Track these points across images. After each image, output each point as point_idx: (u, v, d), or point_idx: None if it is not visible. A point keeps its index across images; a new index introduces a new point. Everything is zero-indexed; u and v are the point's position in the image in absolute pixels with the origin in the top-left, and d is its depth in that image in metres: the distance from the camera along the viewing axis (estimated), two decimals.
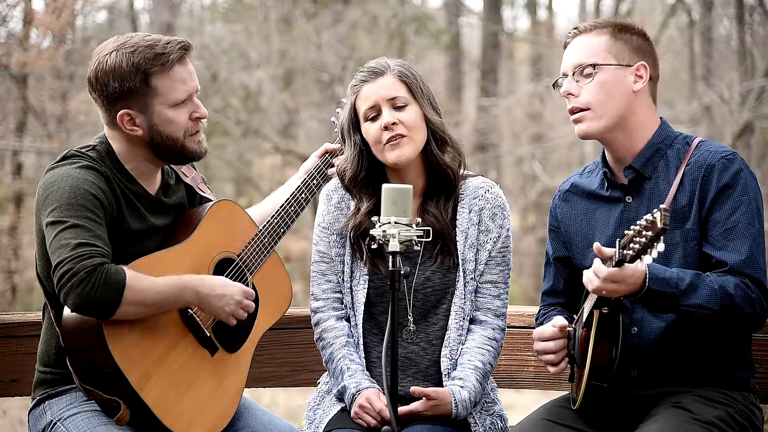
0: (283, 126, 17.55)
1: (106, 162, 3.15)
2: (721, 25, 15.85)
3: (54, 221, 2.95)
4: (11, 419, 10.05)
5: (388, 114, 3.38)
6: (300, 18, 17.51)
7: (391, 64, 3.44)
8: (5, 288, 13.85)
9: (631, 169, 3.21)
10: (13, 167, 15.03)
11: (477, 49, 21.11)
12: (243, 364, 3.31)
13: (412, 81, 3.42)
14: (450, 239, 3.42)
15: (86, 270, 2.86)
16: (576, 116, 3.23)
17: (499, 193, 3.51)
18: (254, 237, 3.36)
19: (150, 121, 3.14)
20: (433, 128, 3.42)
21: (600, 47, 3.20)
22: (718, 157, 3.12)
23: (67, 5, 13.95)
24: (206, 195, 3.43)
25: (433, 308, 3.44)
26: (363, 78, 3.43)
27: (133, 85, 3.09)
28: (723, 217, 3.08)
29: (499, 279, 3.48)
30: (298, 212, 3.50)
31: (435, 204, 3.43)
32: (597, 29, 3.24)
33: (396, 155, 3.38)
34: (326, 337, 3.47)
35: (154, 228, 3.21)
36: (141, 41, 3.12)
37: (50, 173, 3.08)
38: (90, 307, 2.89)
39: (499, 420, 3.44)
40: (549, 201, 16.07)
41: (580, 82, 3.21)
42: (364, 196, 3.47)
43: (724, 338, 3.13)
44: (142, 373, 3.00)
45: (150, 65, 3.09)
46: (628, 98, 3.19)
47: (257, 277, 3.35)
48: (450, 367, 3.40)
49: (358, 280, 3.45)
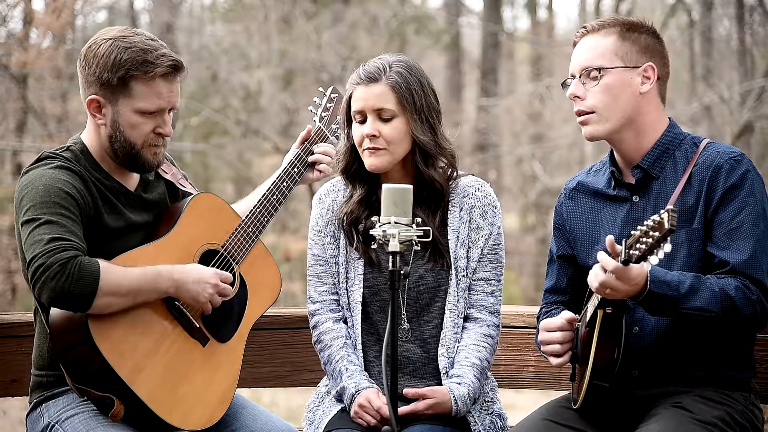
0: (283, 126, 17.54)
1: (81, 161, 3.17)
2: (721, 25, 15.85)
3: (28, 219, 2.98)
4: (11, 419, 10.05)
5: (370, 125, 3.38)
6: (300, 18, 17.50)
7: (389, 70, 3.38)
8: (5, 288, 13.85)
9: (638, 169, 3.21)
10: (13, 167, 15.03)
11: (477, 49, 21.11)
12: (236, 354, 3.31)
13: (404, 93, 3.36)
14: (440, 243, 3.43)
15: (60, 263, 2.87)
16: (581, 119, 3.23)
17: (489, 192, 3.52)
18: (237, 227, 3.36)
19: (115, 117, 3.17)
20: (419, 144, 3.40)
21: (607, 49, 3.19)
22: (726, 158, 3.12)
23: (67, 5, 13.94)
24: (188, 189, 3.44)
25: (427, 306, 3.45)
26: (358, 80, 3.42)
27: (111, 79, 3.12)
28: (728, 217, 3.08)
29: (491, 276, 3.49)
30: (281, 200, 3.50)
31: (422, 209, 3.43)
32: (605, 29, 3.22)
33: (371, 163, 3.40)
34: (324, 339, 3.48)
35: (135, 225, 3.22)
36: (140, 42, 3.15)
37: (25, 176, 3.12)
38: (65, 300, 2.90)
39: (498, 419, 3.45)
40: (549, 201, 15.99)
41: (587, 84, 3.20)
42: (357, 184, 3.49)
43: (726, 339, 3.13)
44: (133, 367, 3.01)
45: (134, 68, 3.12)
46: (635, 100, 3.19)
47: (244, 267, 3.35)
48: (448, 366, 3.41)
49: (353, 281, 3.47)
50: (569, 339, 3.19)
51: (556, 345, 3.19)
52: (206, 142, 18.22)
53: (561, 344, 3.19)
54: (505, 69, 21.23)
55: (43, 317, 3.09)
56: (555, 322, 3.20)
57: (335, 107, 3.78)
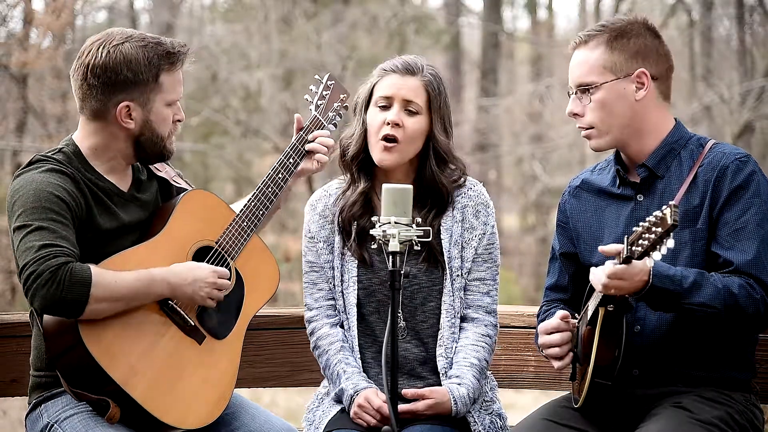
0: (283, 126, 17.52)
1: (73, 163, 3.14)
2: (721, 25, 15.84)
3: (20, 226, 2.96)
4: (11, 419, 10.04)
5: (395, 113, 3.40)
6: (300, 18, 17.50)
7: (425, 70, 3.46)
8: (5, 288, 13.84)
9: (644, 168, 3.21)
10: (13, 167, 15.01)
11: (477, 49, 21.12)
12: (235, 350, 3.28)
13: (434, 95, 3.44)
14: (434, 246, 3.44)
15: (50, 270, 2.86)
16: (584, 134, 3.25)
17: (482, 191, 3.54)
18: (232, 222, 3.32)
19: (147, 116, 3.16)
20: (437, 145, 3.44)
21: (596, 63, 3.18)
22: (732, 159, 3.13)
23: (67, 5, 13.93)
24: (182, 185, 3.42)
25: (421, 305, 3.46)
26: (395, 67, 3.46)
27: (145, 78, 3.12)
28: (733, 217, 3.08)
29: (487, 276, 3.49)
30: (276, 192, 3.42)
31: (420, 210, 3.44)
32: (593, 40, 3.19)
33: (382, 157, 3.42)
34: (321, 344, 3.48)
35: (127, 226, 3.19)
36: (147, 37, 3.15)
37: (17, 180, 3.09)
38: (57, 307, 2.89)
39: (498, 419, 3.45)
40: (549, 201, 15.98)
41: (583, 100, 3.20)
42: (362, 176, 3.49)
43: (728, 339, 3.13)
44: (127, 369, 3.00)
45: (162, 61, 3.13)
46: (632, 109, 3.18)
47: (240, 262, 3.32)
48: (447, 366, 3.42)
49: (348, 283, 3.47)
50: (567, 339, 3.19)
51: (555, 348, 3.18)
52: (206, 142, 18.22)
53: (560, 346, 3.19)
54: (505, 69, 21.23)
55: (38, 320, 3.09)
56: (551, 323, 3.20)
57: (331, 95, 3.67)
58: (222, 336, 3.25)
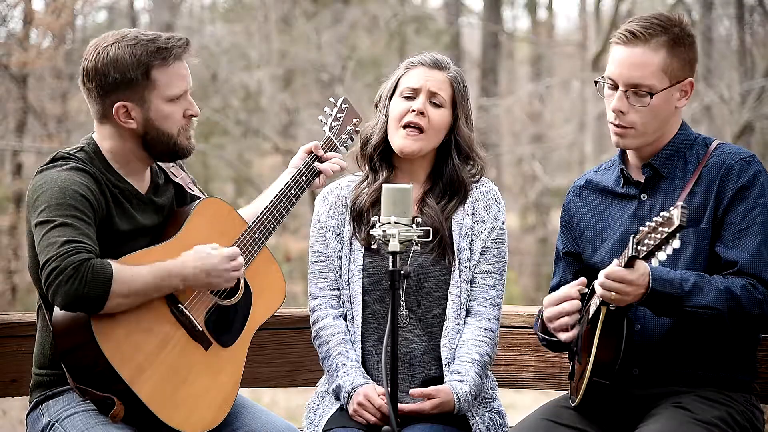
0: (283, 126, 17.54)
1: (94, 162, 3.17)
2: (721, 25, 15.83)
3: (42, 221, 2.98)
4: (11, 419, 10.05)
5: (421, 102, 3.47)
6: (300, 18, 17.51)
7: (452, 68, 3.55)
8: (5, 288, 13.84)
9: (648, 167, 3.21)
10: (13, 167, 15.02)
11: (477, 49, 21.10)
12: (239, 359, 3.30)
13: (459, 90, 3.53)
14: (445, 237, 3.46)
15: (73, 266, 2.88)
16: (618, 131, 3.19)
17: (493, 188, 3.60)
18: (244, 233, 3.36)
19: (146, 114, 3.16)
20: (459, 139, 3.52)
21: (657, 67, 3.11)
22: (737, 159, 3.13)
23: (67, 5, 13.94)
24: (196, 193, 3.44)
25: (426, 295, 3.47)
26: (423, 61, 3.54)
27: (134, 77, 3.12)
28: (737, 217, 3.08)
29: (494, 269, 3.51)
30: (288, 208, 3.50)
31: (437, 201, 3.49)
32: (654, 39, 3.10)
33: (405, 145, 3.48)
34: (323, 334, 3.49)
35: (143, 228, 3.21)
36: (141, 35, 3.16)
37: (39, 176, 3.10)
38: (79, 303, 2.91)
39: (497, 416, 3.47)
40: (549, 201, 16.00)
41: (632, 100, 3.13)
42: (384, 165, 3.55)
43: (729, 340, 3.13)
44: (135, 368, 3.01)
45: (152, 58, 3.13)
46: (671, 114, 3.19)
47: (249, 273, 3.35)
48: (450, 357, 3.43)
49: (353, 272, 3.49)
50: (577, 308, 3.11)
51: (564, 317, 3.11)
52: (206, 142, 18.21)
53: (569, 315, 3.10)
54: (505, 69, 21.23)
55: (46, 315, 3.10)
56: (560, 292, 3.15)
57: (345, 118, 3.78)
58: (228, 344, 3.28)
